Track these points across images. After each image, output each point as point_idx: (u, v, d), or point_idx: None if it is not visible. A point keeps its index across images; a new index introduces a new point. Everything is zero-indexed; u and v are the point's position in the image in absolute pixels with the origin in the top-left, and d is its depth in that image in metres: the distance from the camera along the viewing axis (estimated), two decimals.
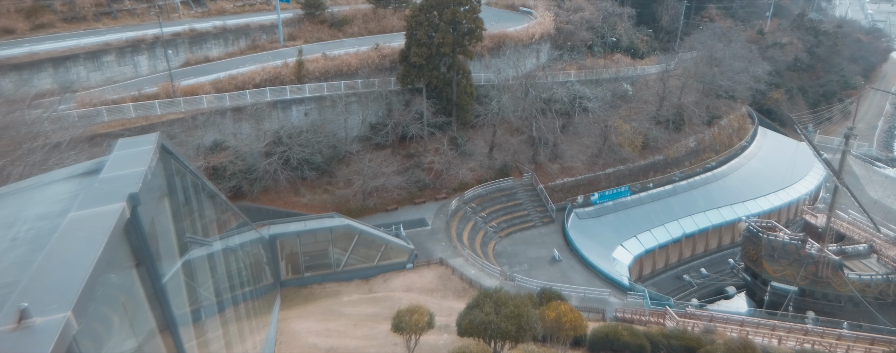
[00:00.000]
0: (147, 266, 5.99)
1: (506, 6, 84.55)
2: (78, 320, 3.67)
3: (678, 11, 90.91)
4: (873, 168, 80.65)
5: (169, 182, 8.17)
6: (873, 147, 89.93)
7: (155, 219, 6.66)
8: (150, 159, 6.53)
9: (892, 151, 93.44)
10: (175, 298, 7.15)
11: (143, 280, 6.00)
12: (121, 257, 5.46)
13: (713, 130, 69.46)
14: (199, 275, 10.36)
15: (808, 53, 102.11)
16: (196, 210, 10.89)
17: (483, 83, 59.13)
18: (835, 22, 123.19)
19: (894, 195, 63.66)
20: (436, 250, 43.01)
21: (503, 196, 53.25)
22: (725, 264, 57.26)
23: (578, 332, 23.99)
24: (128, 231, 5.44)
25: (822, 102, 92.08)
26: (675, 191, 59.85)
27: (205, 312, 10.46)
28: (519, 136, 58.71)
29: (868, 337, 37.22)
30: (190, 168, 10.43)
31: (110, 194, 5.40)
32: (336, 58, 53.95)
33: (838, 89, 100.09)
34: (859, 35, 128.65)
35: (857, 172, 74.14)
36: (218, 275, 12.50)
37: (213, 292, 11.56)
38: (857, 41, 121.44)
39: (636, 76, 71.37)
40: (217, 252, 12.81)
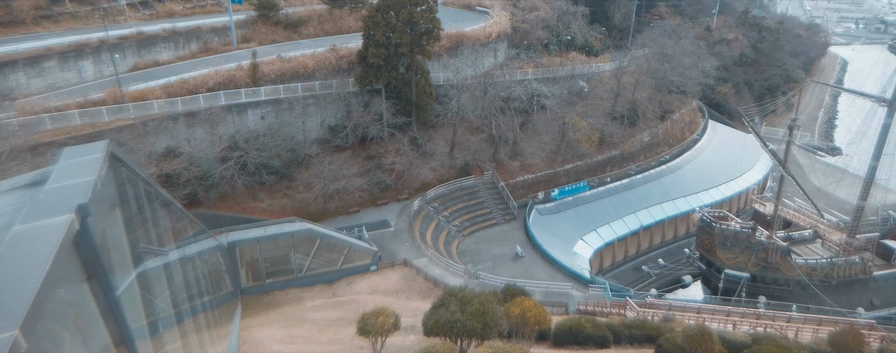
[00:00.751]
0: (99, 279, 5.82)
1: (462, 6, 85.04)
2: (26, 338, 3.56)
3: (630, 9, 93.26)
4: (816, 157, 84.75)
5: (120, 191, 7.94)
6: (815, 137, 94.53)
7: (106, 230, 6.46)
8: (99, 168, 6.34)
9: (832, 140, 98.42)
10: (130, 311, 6.95)
11: (96, 294, 5.83)
12: (71, 271, 5.29)
13: (666, 125, 71.59)
14: (156, 286, 10.09)
15: (753, 49, 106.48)
16: (150, 219, 10.60)
17: (442, 83, 59.32)
18: (776, 18, 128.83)
19: (836, 183, 66.97)
20: (399, 251, 42.92)
21: (465, 195, 53.56)
22: (681, 254, 59.08)
23: (543, 326, 24.36)
24: (77, 244, 5.28)
25: (767, 95, 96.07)
26: (631, 184, 61.41)
27: (162, 324, 10.19)
28: (479, 134, 59.15)
29: (815, 318, 39.14)
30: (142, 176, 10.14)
31: (57, 205, 5.22)
32: (292, 60, 53.15)
33: (781, 82, 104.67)
34: (799, 31, 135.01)
35: (801, 161, 77.77)
36: (175, 285, 12.19)
37: (170, 303, 11.27)
38: (797, 36, 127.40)
39: (591, 73, 72.89)
40: (173, 262, 12.49)
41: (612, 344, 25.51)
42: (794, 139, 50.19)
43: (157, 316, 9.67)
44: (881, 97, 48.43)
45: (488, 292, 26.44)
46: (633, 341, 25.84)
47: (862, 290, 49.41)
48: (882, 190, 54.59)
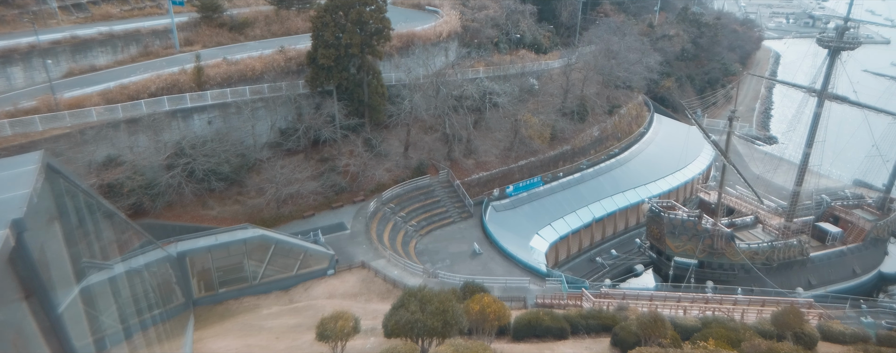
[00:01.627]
0: (39, 297, 5.57)
1: (412, 5, 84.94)
2: None
3: (576, 7, 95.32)
4: (754, 146, 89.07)
5: (58, 204, 7.61)
6: (753, 127, 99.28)
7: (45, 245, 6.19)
8: (34, 180, 6.07)
9: (769, 129, 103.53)
10: (74, 329, 6.67)
11: (36, 313, 5.58)
12: (6, 290, 5.06)
13: (614, 119, 73.64)
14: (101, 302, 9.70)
15: (693, 44, 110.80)
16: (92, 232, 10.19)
17: (394, 83, 59.11)
18: (714, 14, 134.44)
19: (773, 170, 70.55)
20: (357, 253, 42.57)
21: (421, 194, 53.59)
22: (633, 243, 60.92)
23: (502, 321, 24.68)
24: (13, 261, 5.04)
25: (708, 88, 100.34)
26: (583, 178, 62.89)
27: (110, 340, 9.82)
28: (433, 134, 59.28)
29: (759, 300, 41.18)
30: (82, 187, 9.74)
31: None
32: (239, 62, 51.81)
33: (720, 76, 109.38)
34: (735, 26, 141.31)
35: (741, 150, 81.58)
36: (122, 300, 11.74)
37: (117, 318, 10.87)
38: (733, 31, 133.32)
39: (541, 71, 74.16)
40: (119, 275, 12.03)
41: (570, 335, 26.09)
42: (734, 130, 52.46)
43: (103, 333, 9.31)
44: (812, 88, 51.25)
45: (448, 290, 26.56)
46: (590, 331, 26.51)
47: (800, 271, 52.26)
48: (815, 176, 57.87)
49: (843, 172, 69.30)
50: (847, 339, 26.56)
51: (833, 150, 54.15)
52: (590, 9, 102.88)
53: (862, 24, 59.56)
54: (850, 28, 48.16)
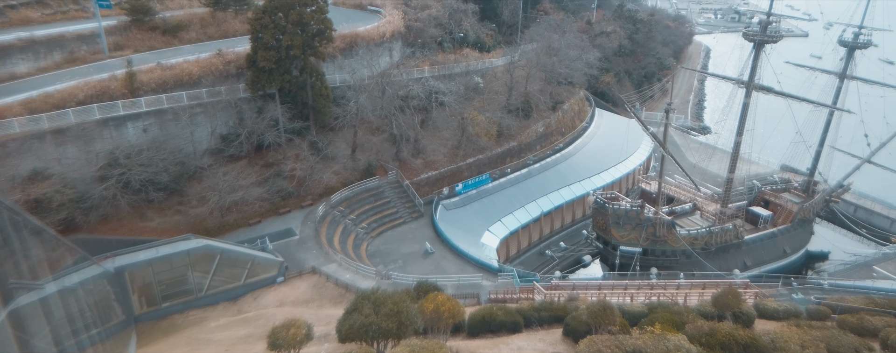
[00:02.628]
0: None
1: (353, 6, 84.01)
2: None
3: (517, 6, 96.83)
4: (690, 136, 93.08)
5: None
6: (688, 119, 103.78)
7: None
8: None
9: (702, 120, 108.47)
10: None
11: None
12: None
13: (558, 115, 75.33)
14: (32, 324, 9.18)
15: (630, 40, 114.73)
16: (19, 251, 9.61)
17: (338, 84, 58.34)
18: (648, 11, 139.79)
19: (708, 159, 73.91)
20: (307, 259, 41.83)
21: (371, 196, 53.19)
22: (580, 235, 62.50)
23: (457, 319, 24.82)
24: None
25: (645, 82, 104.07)
26: (530, 174, 64.03)
27: None
28: (380, 134, 58.91)
29: (700, 283, 43.14)
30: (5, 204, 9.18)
31: None
32: (174, 67, 49.83)
33: (656, 70, 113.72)
34: (668, 22, 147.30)
35: (678, 141, 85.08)
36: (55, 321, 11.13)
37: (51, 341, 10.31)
38: (666, 27, 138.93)
39: (485, 69, 74.95)
40: (51, 296, 11.39)
41: (524, 328, 26.53)
42: (671, 122, 54.56)
43: None
44: (740, 79, 53.94)
45: (401, 291, 26.50)
46: (543, 322, 27.04)
47: (736, 253, 55.03)
48: (746, 162, 61.06)
49: (771, 158, 73.46)
50: (780, 315, 28.18)
51: (761, 137, 57.20)
52: (530, 7, 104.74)
53: (783, 18, 63.17)
54: (773, 22, 50.96)
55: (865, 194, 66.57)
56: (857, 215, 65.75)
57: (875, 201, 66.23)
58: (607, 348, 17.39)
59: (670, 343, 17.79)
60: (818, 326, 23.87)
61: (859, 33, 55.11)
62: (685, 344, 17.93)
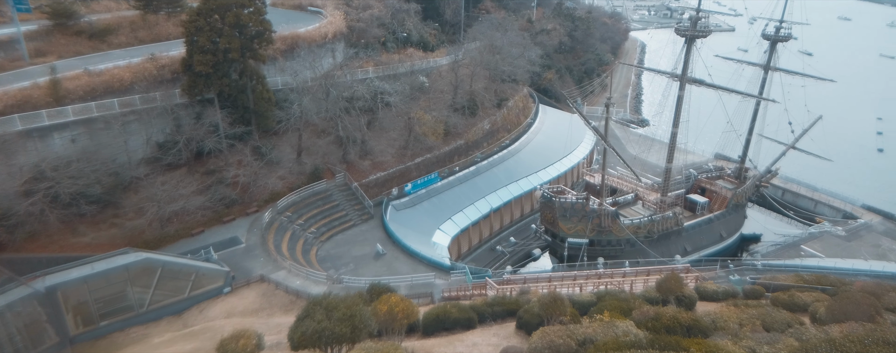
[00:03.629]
0: None
1: (293, 6, 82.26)
2: None
3: (459, 5, 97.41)
4: (629, 129, 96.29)
5: None
6: (627, 112, 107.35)
7: None
8: None
9: (640, 113, 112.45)
10: None
11: None
12: None
13: (503, 112, 76.34)
14: None
15: (570, 37, 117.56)
16: None
17: (281, 87, 57.00)
18: (586, 9, 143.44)
19: (647, 150, 76.70)
20: (254, 267, 40.72)
21: (318, 200, 52.32)
22: (529, 229, 63.59)
23: (411, 319, 24.77)
24: None
25: (585, 77, 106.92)
26: (478, 171, 64.65)
27: None
28: (326, 137, 58.01)
29: (644, 270, 44.74)
30: None
31: None
32: (103, 73, 47.35)
33: (595, 66, 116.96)
34: (605, 19, 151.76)
35: (619, 134, 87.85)
36: None
37: None
38: (603, 24, 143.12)
39: (430, 68, 75.06)
40: None
41: (478, 324, 26.76)
42: (611, 115, 56.24)
43: None
44: (674, 73, 56.23)
45: (354, 294, 26.21)
46: (497, 317, 27.35)
47: (677, 240, 57.41)
48: (683, 152, 63.71)
49: (705, 147, 76.93)
50: (720, 296, 29.57)
51: (695, 128, 59.79)
52: (472, 6, 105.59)
53: (711, 14, 66.27)
54: (702, 18, 53.39)
55: (791, 178, 70.84)
56: (784, 198, 69.86)
57: (800, 185, 70.59)
58: (559, 338, 17.75)
59: (619, 330, 18.36)
60: (754, 304, 25.21)
61: (780, 27, 58.50)
62: (633, 329, 18.55)
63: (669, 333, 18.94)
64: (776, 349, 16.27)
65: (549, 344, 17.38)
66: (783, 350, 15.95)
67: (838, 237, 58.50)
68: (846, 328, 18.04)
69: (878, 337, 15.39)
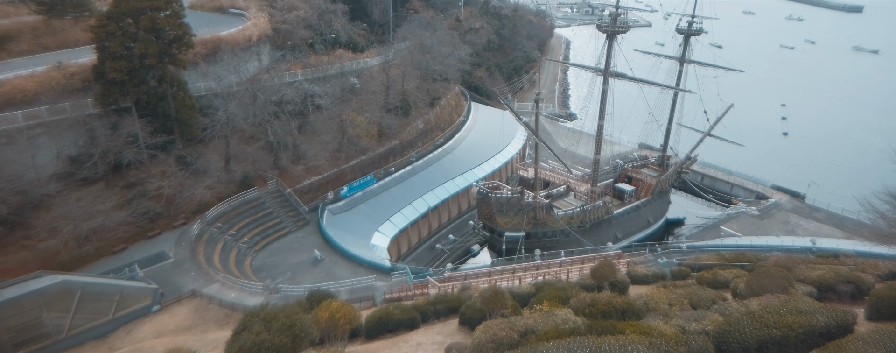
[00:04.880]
0: None
1: (214, 9, 79.07)
2: None
3: (387, 5, 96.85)
4: (558, 123, 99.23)
5: None
6: (556, 107, 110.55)
7: None
8: None
9: (568, 108, 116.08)
10: None
11: None
12: None
13: (436, 111, 76.68)
14: None
15: (497, 35, 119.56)
16: None
17: (204, 93, 54.63)
18: (512, 7, 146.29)
19: (576, 143, 79.34)
20: (184, 282, 38.89)
21: (250, 208, 50.61)
22: (467, 226, 64.24)
23: (354, 323, 24.48)
24: None
25: (514, 74, 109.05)
26: (414, 171, 64.61)
27: None
28: (255, 143, 56.20)
29: (579, 259, 46.24)
30: None
31: None
32: (3, 83, 43.73)
33: (524, 63, 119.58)
34: (531, 17, 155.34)
35: (548, 128, 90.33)
36: None
37: None
38: (529, 22, 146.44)
39: (360, 69, 74.26)
40: None
41: (422, 323, 26.76)
42: (541, 111, 57.68)
43: None
44: (598, 68, 58.32)
45: (293, 303, 25.59)
46: (440, 315, 27.44)
47: (607, 227, 59.70)
48: (609, 144, 66.27)
49: (630, 138, 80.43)
50: (650, 279, 30.99)
51: (620, 120, 62.40)
52: (400, 6, 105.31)
53: (629, 10, 69.43)
54: (621, 15, 55.71)
55: (709, 164, 75.35)
56: (704, 182, 74.24)
57: (717, 169, 75.23)
58: (502, 331, 18.01)
59: (558, 318, 18.86)
60: (681, 285, 26.57)
61: (692, 22, 61.99)
62: (571, 317, 19.11)
63: (606, 317, 19.65)
64: (703, 325, 17.21)
65: (492, 338, 17.62)
66: (709, 326, 16.89)
67: (752, 217, 62.81)
68: (763, 300, 19.35)
69: (792, 307, 16.65)
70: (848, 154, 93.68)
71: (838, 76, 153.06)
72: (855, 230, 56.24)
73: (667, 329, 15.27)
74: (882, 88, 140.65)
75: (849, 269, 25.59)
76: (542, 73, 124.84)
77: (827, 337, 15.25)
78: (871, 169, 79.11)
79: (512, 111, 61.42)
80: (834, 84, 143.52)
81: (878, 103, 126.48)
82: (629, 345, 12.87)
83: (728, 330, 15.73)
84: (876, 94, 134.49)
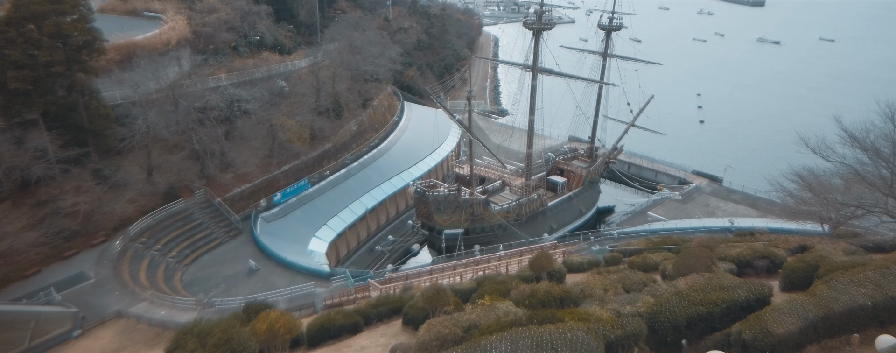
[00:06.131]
0: None
1: (126, 12, 74.58)
2: None
3: (313, 5, 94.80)
4: (491, 120, 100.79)
5: None
6: (487, 104, 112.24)
7: None
8: None
9: (500, 104, 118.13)
10: None
11: None
12: None
13: (369, 112, 75.95)
14: None
15: (427, 34, 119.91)
16: None
17: (120, 102, 51.45)
18: (440, 6, 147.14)
19: (509, 138, 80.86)
20: (108, 303, 36.57)
21: (177, 221, 48.21)
22: (406, 226, 64.12)
23: (294, 333, 23.92)
24: None
25: (445, 73, 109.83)
26: (349, 173, 63.73)
27: None
28: (180, 152, 53.59)
29: (517, 251, 47.15)
30: None
31: None
32: None
33: (454, 61, 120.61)
34: (459, 15, 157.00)
35: (482, 125, 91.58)
36: None
37: None
38: (458, 20, 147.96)
39: (289, 72, 72.38)
40: None
41: (365, 327, 26.47)
42: (473, 108, 58.36)
43: None
44: (526, 64, 59.64)
45: (229, 316, 24.66)
46: (383, 317, 27.23)
47: (543, 219, 61.27)
48: (541, 138, 68.04)
49: (560, 131, 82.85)
50: (585, 267, 32.00)
51: (550, 114, 64.08)
52: (327, 6, 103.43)
53: (554, 7, 71.48)
54: (546, 12, 57.23)
55: (634, 153, 78.88)
56: (630, 171, 77.65)
57: (642, 158, 78.88)
58: (445, 328, 18.10)
59: (500, 311, 19.16)
60: (614, 270, 27.62)
61: (613, 18, 64.57)
62: (512, 309, 19.46)
63: (545, 307, 20.14)
64: (636, 307, 17.99)
65: (436, 336, 17.68)
66: (642, 307, 17.68)
67: (676, 201, 66.32)
68: (690, 279, 20.45)
69: (716, 284, 17.72)
70: (757, 138, 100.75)
71: (745, 66, 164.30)
72: (767, 209, 60.49)
73: (603, 314, 15.83)
74: (783, 75, 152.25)
75: (763, 245, 27.52)
76: (473, 70, 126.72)
77: (748, 310, 16.33)
78: (777, 151, 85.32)
79: (445, 109, 61.80)
80: (741, 73, 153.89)
81: (780, 90, 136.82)
82: (569, 332, 13.25)
83: (659, 310, 16.53)
84: (778, 81, 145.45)
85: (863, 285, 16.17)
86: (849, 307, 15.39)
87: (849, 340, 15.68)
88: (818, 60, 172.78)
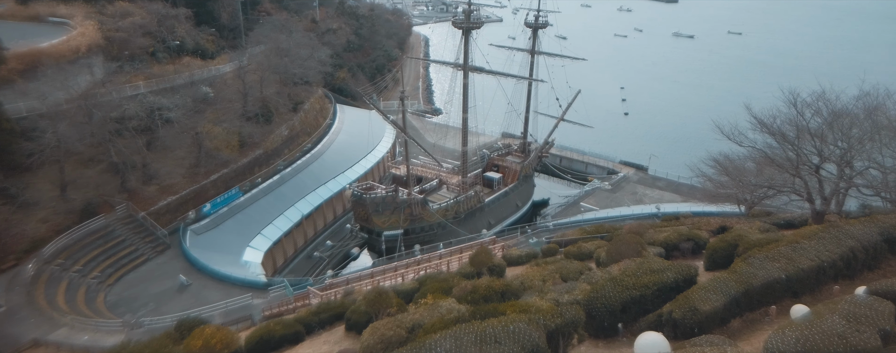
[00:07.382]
0: None
1: (27, 18, 69.03)
2: None
3: (235, 8, 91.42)
4: (425, 119, 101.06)
5: None
6: (421, 103, 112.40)
7: None
8: None
9: (433, 103, 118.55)
10: None
11: None
12: None
13: (300, 116, 74.17)
14: None
15: (356, 35, 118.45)
16: None
17: (26, 114, 47.55)
18: (368, 6, 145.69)
19: (444, 137, 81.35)
20: (22, 332, 33.82)
21: (98, 239, 45.22)
22: (344, 230, 63.16)
23: (232, 347, 23.00)
24: None
25: (377, 74, 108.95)
26: (283, 179, 62.03)
27: None
28: (97, 166, 50.26)
29: (458, 249, 47.56)
30: None
31: None
32: None
33: (385, 62, 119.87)
34: (388, 16, 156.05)
35: (416, 125, 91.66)
36: None
37: None
38: (387, 21, 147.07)
39: (213, 77, 69.43)
40: None
41: (307, 336, 25.86)
42: (406, 108, 58.24)
43: None
44: (457, 63, 60.12)
45: (160, 336, 23.49)
46: (325, 324, 26.70)
47: (480, 215, 62.09)
48: (475, 135, 68.79)
49: (493, 128, 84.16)
50: (524, 260, 32.67)
51: (482, 111, 64.92)
52: (251, 8, 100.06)
53: (481, 6, 72.41)
54: (474, 11, 57.87)
55: (565, 146, 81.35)
56: (562, 164, 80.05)
57: (572, 151, 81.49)
58: (389, 330, 17.97)
59: (443, 309, 19.22)
60: (551, 261, 28.34)
61: (538, 16, 66.19)
62: (455, 306, 19.57)
63: (487, 301, 20.38)
64: (574, 295, 18.52)
65: (380, 338, 17.52)
66: (579, 295, 18.22)
67: (606, 191, 68.99)
68: (622, 265, 21.28)
69: (646, 268, 18.52)
70: (676, 127, 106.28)
71: (663, 59, 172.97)
72: (690, 194, 63.97)
73: (543, 304, 16.18)
74: (697, 67, 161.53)
75: (688, 228, 29.09)
76: (405, 71, 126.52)
77: (677, 291, 17.20)
78: (696, 139, 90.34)
79: (378, 111, 61.37)
80: (660, 66, 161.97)
81: (695, 81, 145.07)
82: (511, 324, 13.45)
83: (595, 297, 17.10)
84: (692, 73, 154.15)
85: (776, 259, 17.39)
86: (766, 281, 16.52)
87: (767, 312, 16.84)
88: (728, 52, 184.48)
